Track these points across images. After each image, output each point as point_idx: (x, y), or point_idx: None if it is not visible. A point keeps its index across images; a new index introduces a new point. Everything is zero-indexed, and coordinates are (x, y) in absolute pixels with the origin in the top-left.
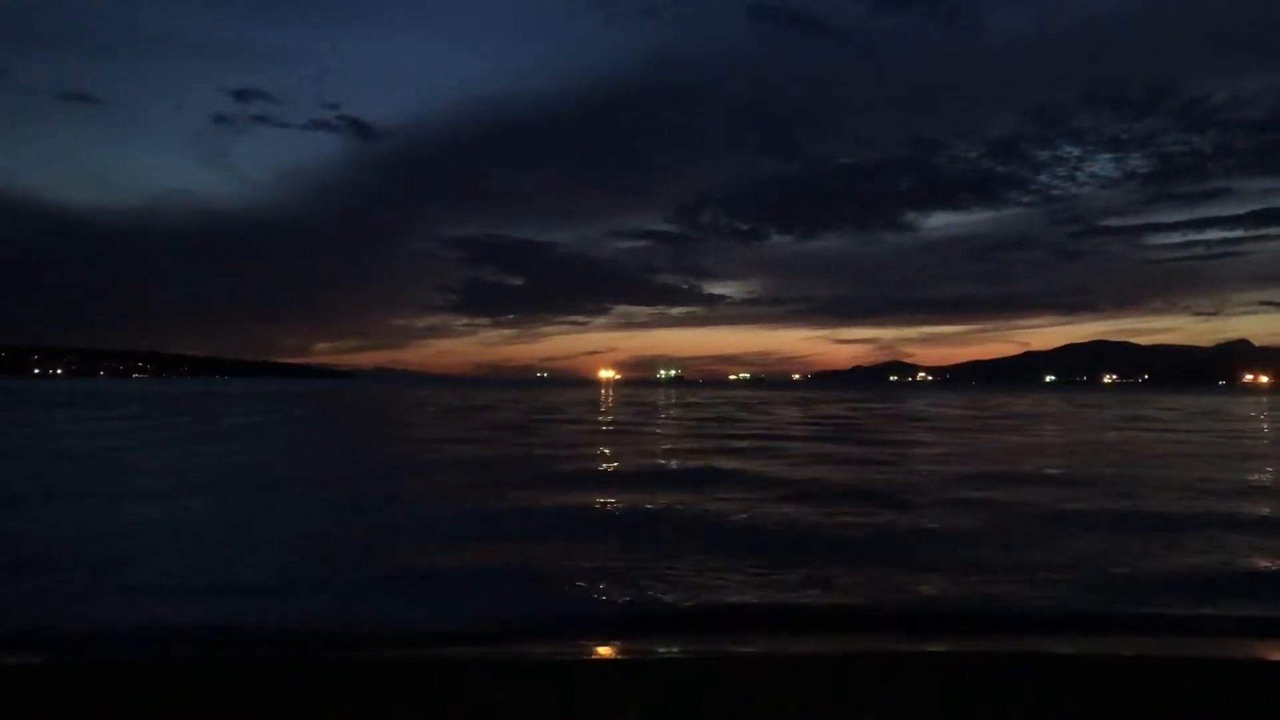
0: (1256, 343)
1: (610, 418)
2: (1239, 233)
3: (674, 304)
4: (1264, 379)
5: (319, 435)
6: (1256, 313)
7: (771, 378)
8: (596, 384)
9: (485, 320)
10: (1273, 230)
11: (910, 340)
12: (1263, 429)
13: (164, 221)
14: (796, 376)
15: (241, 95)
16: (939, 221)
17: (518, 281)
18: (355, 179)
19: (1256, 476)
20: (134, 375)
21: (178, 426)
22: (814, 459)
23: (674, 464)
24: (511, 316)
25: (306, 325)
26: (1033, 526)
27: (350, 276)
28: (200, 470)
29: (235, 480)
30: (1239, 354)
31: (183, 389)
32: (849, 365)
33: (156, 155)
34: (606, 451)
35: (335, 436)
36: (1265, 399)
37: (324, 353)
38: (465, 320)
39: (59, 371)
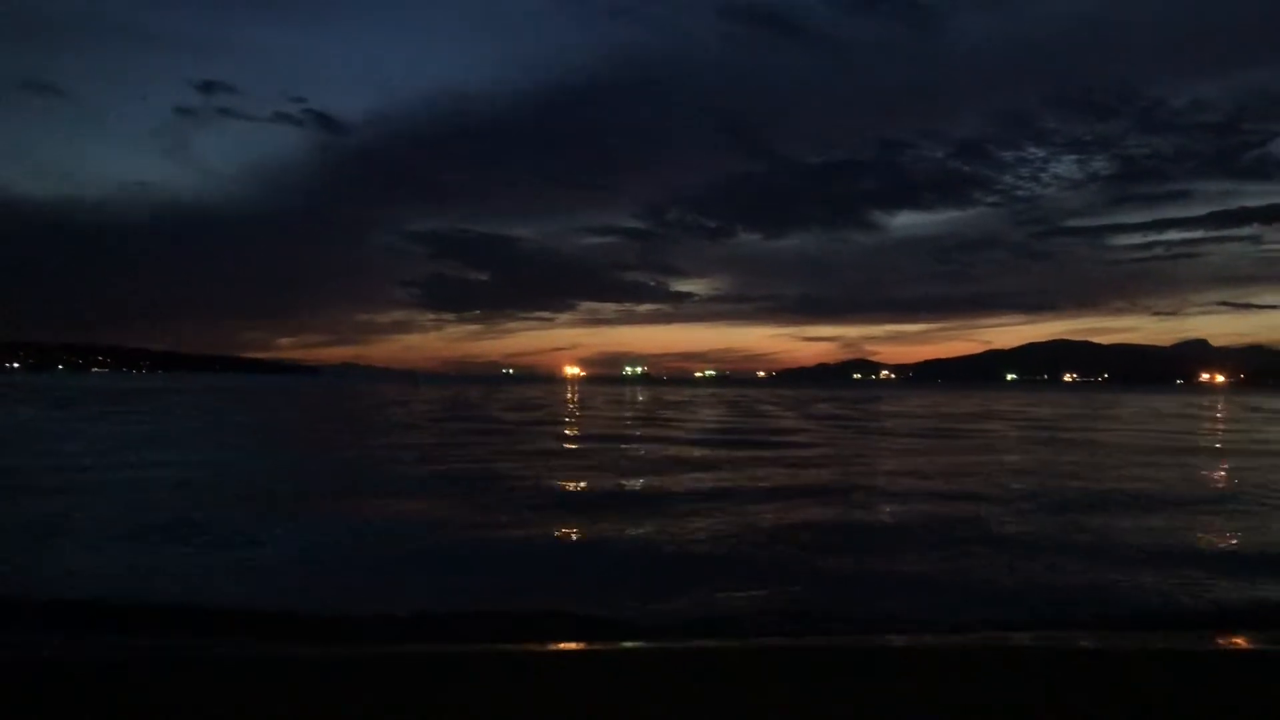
0: (1214, 343)
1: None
2: (1198, 234)
3: (640, 301)
4: (1220, 378)
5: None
6: (1214, 313)
7: (737, 375)
8: (564, 381)
9: (451, 316)
10: (1231, 232)
11: (875, 339)
12: None
13: (125, 214)
14: (762, 374)
15: (206, 87)
16: (905, 221)
17: (483, 277)
18: (320, 173)
19: None
20: (93, 370)
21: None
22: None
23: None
24: (477, 312)
25: (270, 320)
26: None
27: (314, 271)
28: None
29: None
30: (1196, 354)
31: (133, 385)
32: (814, 363)
33: (119, 147)
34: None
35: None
36: (1220, 398)
37: (288, 348)
38: (431, 316)
39: (15, 365)
